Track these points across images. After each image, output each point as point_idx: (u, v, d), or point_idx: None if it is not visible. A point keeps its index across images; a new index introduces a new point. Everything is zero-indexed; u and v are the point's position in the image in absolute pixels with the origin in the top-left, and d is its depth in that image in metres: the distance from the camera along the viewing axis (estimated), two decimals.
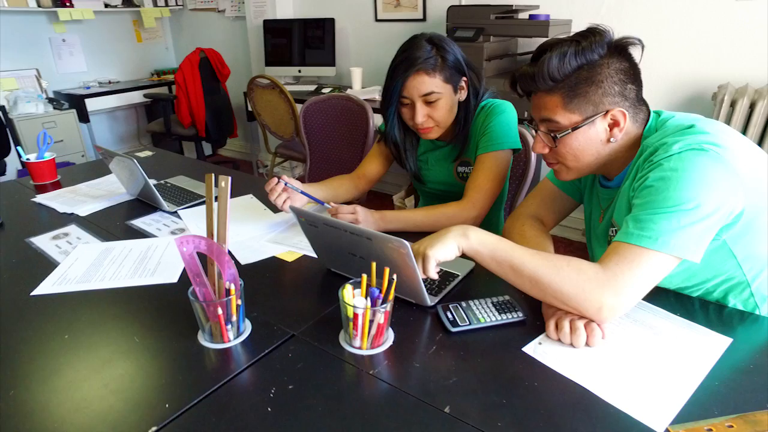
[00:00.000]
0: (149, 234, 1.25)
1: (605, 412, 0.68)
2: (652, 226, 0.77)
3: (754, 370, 0.75)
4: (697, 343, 0.80)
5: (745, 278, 0.88)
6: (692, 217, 0.76)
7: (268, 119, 3.09)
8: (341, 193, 1.39)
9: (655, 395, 0.70)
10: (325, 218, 0.89)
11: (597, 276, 0.77)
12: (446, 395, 0.70)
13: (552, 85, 0.86)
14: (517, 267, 0.80)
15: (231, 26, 3.98)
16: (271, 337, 0.83)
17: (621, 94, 0.86)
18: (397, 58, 1.18)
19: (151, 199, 1.39)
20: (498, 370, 0.76)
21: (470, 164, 1.31)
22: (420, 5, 3.00)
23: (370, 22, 3.26)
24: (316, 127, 2.33)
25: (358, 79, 3.17)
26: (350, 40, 3.41)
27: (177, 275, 1.04)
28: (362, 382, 0.74)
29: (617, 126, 0.88)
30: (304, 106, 2.29)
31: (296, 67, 3.45)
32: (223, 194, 0.81)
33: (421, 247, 0.85)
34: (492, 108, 1.25)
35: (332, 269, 1.03)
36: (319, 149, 2.36)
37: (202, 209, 1.39)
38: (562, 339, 0.80)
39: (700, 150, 0.78)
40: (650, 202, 0.79)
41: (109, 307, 0.94)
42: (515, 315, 0.86)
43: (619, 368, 0.75)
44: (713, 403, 0.69)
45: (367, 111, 2.15)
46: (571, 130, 0.88)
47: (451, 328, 0.84)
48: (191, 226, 1.28)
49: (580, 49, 0.84)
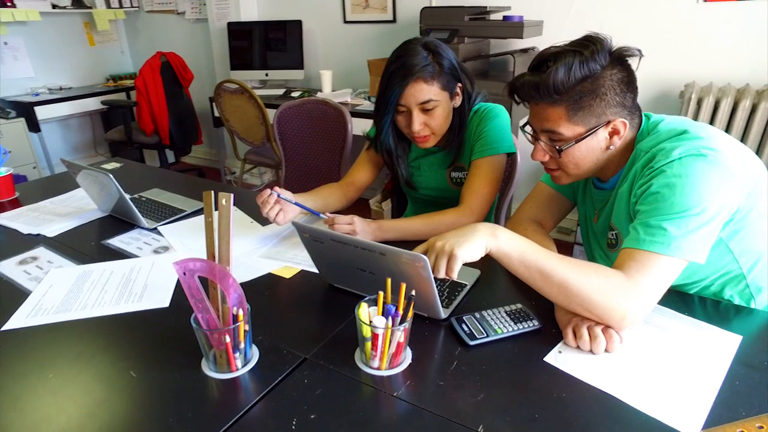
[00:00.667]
0: (130, 254, 1.16)
1: (638, 419, 0.67)
2: (663, 232, 0.78)
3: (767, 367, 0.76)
4: (709, 343, 0.81)
5: (741, 271, 0.91)
6: (698, 221, 0.78)
7: (236, 125, 2.99)
8: (331, 202, 1.35)
9: (682, 399, 0.70)
10: (332, 234, 0.84)
11: (622, 284, 0.77)
12: (477, 413, 0.68)
13: (557, 98, 0.85)
14: (546, 273, 0.78)
15: (192, 29, 3.83)
16: (282, 363, 0.78)
17: (621, 104, 0.86)
18: (392, 65, 1.15)
19: (128, 215, 1.30)
20: (524, 382, 0.74)
21: (464, 169, 1.29)
22: (390, 7, 2.98)
23: (338, 23, 3.21)
24: (291, 133, 2.27)
25: (328, 82, 3.12)
26: (318, 43, 3.35)
27: (168, 298, 0.97)
28: (388, 405, 0.70)
29: (617, 134, 0.89)
30: (278, 111, 2.23)
31: (263, 71, 3.36)
32: (225, 212, 0.76)
33: (446, 244, 0.80)
34: (486, 112, 1.24)
35: (335, 285, 0.99)
36: (294, 155, 2.30)
37: (185, 225, 1.31)
38: (581, 346, 0.79)
39: (698, 155, 0.80)
40: (658, 208, 0.80)
41: (95, 339, 0.86)
42: (531, 324, 0.85)
43: (641, 372, 0.75)
44: (738, 403, 0.69)
45: (344, 115, 2.10)
46: (575, 142, 0.88)
47: (470, 341, 0.81)
48: (175, 244, 1.20)
49: (584, 59, 0.83)
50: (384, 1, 2.98)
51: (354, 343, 0.82)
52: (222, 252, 0.77)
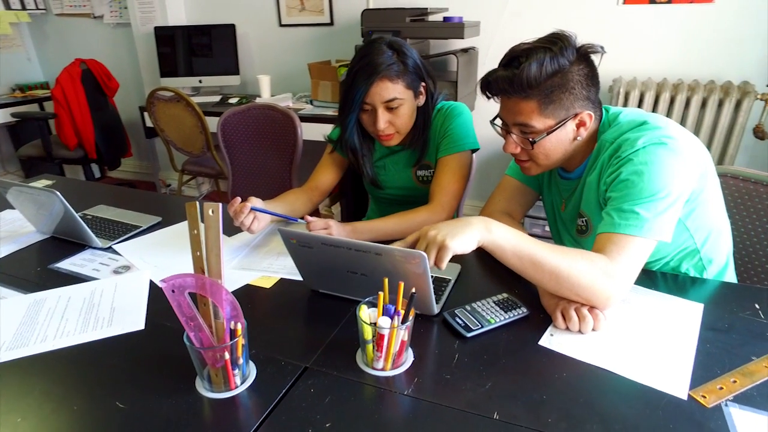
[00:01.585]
0: (85, 277, 1.07)
1: (633, 389, 0.72)
2: (636, 215, 0.84)
3: (730, 329, 0.85)
4: (677, 312, 0.89)
5: (696, 246, 1.00)
6: (665, 204, 0.85)
7: (173, 135, 2.83)
8: (298, 208, 1.32)
9: (666, 365, 0.76)
10: (323, 237, 0.83)
11: (605, 267, 0.82)
12: (488, 402, 0.69)
13: (529, 92, 0.89)
14: (538, 262, 0.81)
15: (112, 34, 3.58)
16: (283, 374, 0.75)
17: (587, 97, 0.92)
18: (356, 64, 1.15)
19: (76, 235, 1.20)
20: (525, 367, 0.77)
21: (430, 167, 1.32)
22: (326, 9, 2.96)
23: (273, 27, 3.14)
24: (237, 140, 2.19)
25: (267, 87, 3.04)
26: (253, 47, 3.25)
27: (142, 320, 0.90)
28: (401, 404, 0.70)
29: (583, 126, 0.94)
30: (222, 118, 2.14)
31: (196, 77, 3.21)
32: (213, 223, 0.72)
33: (438, 235, 0.80)
34: (450, 110, 1.27)
35: (320, 290, 0.97)
36: (242, 163, 2.22)
37: (143, 241, 1.23)
38: (571, 327, 0.83)
39: (660, 144, 0.87)
40: (628, 194, 0.86)
41: (66, 373, 0.79)
42: (520, 311, 0.88)
43: (626, 345, 0.81)
44: (713, 363, 0.76)
45: (293, 120, 2.07)
46: (546, 134, 0.93)
47: (467, 333, 0.83)
48: (136, 262, 1.12)
49: (554, 55, 0.88)
50: (320, 4, 2.96)
51: (352, 347, 0.81)
52: (212, 265, 0.73)
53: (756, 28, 2.15)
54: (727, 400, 0.70)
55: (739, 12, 2.15)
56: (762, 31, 2.15)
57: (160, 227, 1.30)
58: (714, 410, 0.68)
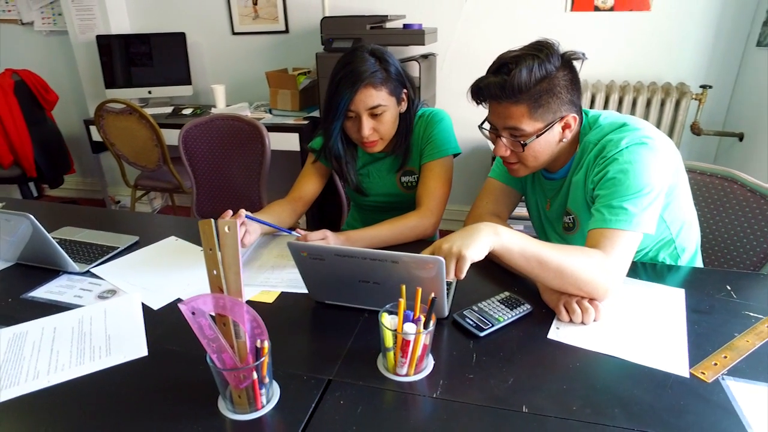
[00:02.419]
0: (67, 305, 1.00)
1: (640, 372, 0.77)
2: (625, 211, 0.91)
3: (711, 310, 0.93)
4: (663, 298, 0.96)
5: (671, 237, 1.08)
6: (649, 199, 0.92)
7: (125, 149, 2.69)
8: (284, 219, 1.30)
9: (665, 347, 0.82)
10: (336, 248, 0.83)
11: (603, 262, 0.87)
12: (514, 396, 0.72)
13: (520, 96, 0.94)
14: (544, 261, 0.85)
15: (46, 43, 3.35)
16: (308, 389, 0.75)
17: (571, 101, 0.98)
18: (339, 72, 1.15)
19: (49, 260, 1.12)
20: (540, 360, 0.80)
21: (414, 173, 1.34)
22: (281, 17, 2.92)
23: (226, 35, 3.06)
24: (200, 153, 2.12)
25: (222, 96, 2.96)
26: (205, 56, 3.16)
27: (143, 346, 0.86)
28: (433, 407, 0.71)
29: (568, 128, 1.00)
30: (183, 130, 2.07)
31: (145, 88, 3.07)
32: (230, 240, 0.70)
33: (453, 246, 0.82)
34: (431, 117, 1.30)
35: (327, 301, 0.96)
36: (206, 176, 2.15)
37: (124, 262, 1.16)
38: (574, 320, 0.88)
39: (641, 144, 0.94)
40: (616, 191, 0.92)
41: (71, 409, 0.73)
42: (524, 308, 0.92)
43: (625, 332, 0.86)
44: (704, 342, 0.83)
45: (260, 130, 2.03)
46: (536, 136, 0.97)
47: (479, 333, 0.86)
48: (121, 285, 1.06)
49: (541, 62, 0.93)
50: (275, 12, 2.92)
51: (370, 355, 0.82)
52: (231, 283, 0.71)
53: (688, 33, 2.35)
54: (723, 375, 0.76)
55: (673, 19, 2.34)
56: (693, 36, 2.35)
57: (138, 247, 1.24)
58: (714, 385, 0.74)
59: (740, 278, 1.04)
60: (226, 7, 2.99)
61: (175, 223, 1.45)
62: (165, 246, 1.25)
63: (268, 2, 2.90)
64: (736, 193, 1.22)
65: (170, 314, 0.96)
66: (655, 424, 0.67)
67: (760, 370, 0.77)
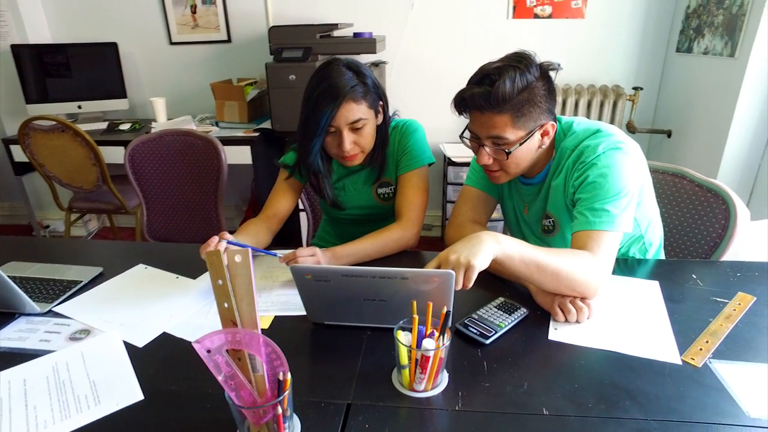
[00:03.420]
0: (34, 352, 0.90)
1: (639, 363, 0.82)
2: (607, 213, 0.96)
3: (684, 299, 1.01)
4: (642, 291, 1.03)
5: (641, 233, 1.16)
6: (627, 200, 0.98)
7: (57, 169, 2.48)
8: (262, 239, 1.26)
9: (656, 338, 0.88)
10: (344, 269, 0.81)
11: (593, 263, 0.92)
12: (532, 399, 0.74)
13: (504, 106, 0.97)
14: (542, 265, 0.88)
15: None
16: (329, 416, 0.73)
17: (549, 110, 1.03)
18: (317, 87, 1.13)
19: (2, 302, 1.00)
20: (548, 361, 0.83)
21: (390, 184, 1.34)
22: (222, 26, 2.83)
23: (163, 45, 2.91)
24: (150, 171, 2.00)
25: (162, 110, 2.81)
26: (141, 67, 2.98)
27: (137, 389, 0.79)
28: (461, 420, 0.72)
29: (547, 135, 1.05)
30: (130, 147, 1.94)
31: (74, 103, 2.85)
32: (242, 270, 0.67)
33: (461, 257, 0.83)
34: (405, 128, 1.31)
35: (326, 322, 0.94)
36: (157, 195, 2.03)
37: (90, 297, 1.07)
38: (569, 319, 0.92)
39: (616, 148, 1.01)
40: (597, 194, 0.98)
41: None
42: (521, 312, 0.95)
43: (617, 326, 0.92)
44: (686, 330, 0.90)
45: (215, 145, 1.95)
46: (519, 144, 1.01)
47: (485, 341, 0.87)
48: (93, 322, 0.98)
49: (522, 72, 0.96)
50: (215, 21, 2.82)
51: (383, 374, 0.81)
52: (244, 314, 0.68)
53: (618, 40, 2.55)
54: (710, 359, 0.83)
55: (604, 27, 2.53)
56: (622, 42, 2.55)
57: (103, 279, 1.15)
58: (704, 369, 0.81)
59: (701, 266, 1.14)
60: (162, 16, 2.84)
61: (139, 249, 1.36)
62: (134, 275, 1.17)
63: (208, 11, 2.80)
64: (686, 188, 1.34)
65: (159, 350, 0.89)
66: (663, 412, 0.72)
67: (737, 351, 0.85)
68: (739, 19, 1.99)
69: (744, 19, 1.95)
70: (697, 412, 0.72)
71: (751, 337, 0.89)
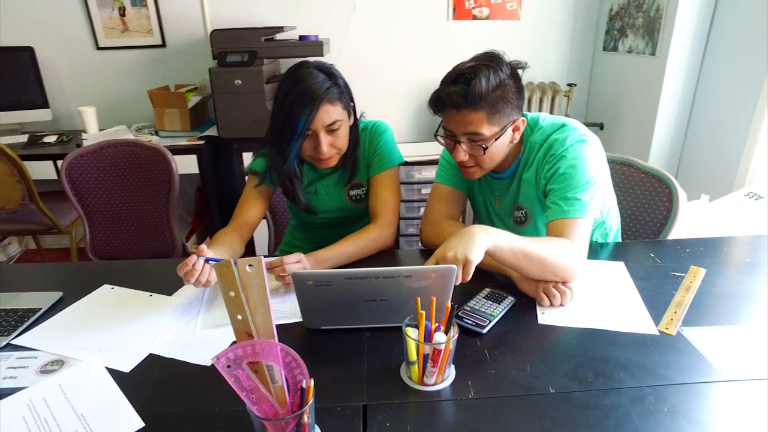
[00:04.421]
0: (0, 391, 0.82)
1: (624, 337, 0.89)
2: (579, 201, 1.03)
3: (648, 276, 1.10)
4: (611, 272, 1.11)
5: (603, 218, 1.25)
6: (595, 189, 1.06)
7: None
8: (236, 249, 1.21)
9: (633, 313, 0.96)
10: (346, 272, 0.81)
11: (571, 249, 0.98)
12: (538, 380, 0.79)
13: (480, 104, 1.01)
14: (529, 254, 0.93)
15: None
16: (349, 419, 0.72)
17: (519, 106, 1.08)
18: (291, 92, 1.11)
19: None
20: (543, 344, 0.88)
21: (362, 186, 1.35)
22: (156, 30, 2.68)
23: (89, 50, 2.71)
24: (91, 186, 1.86)
25: (93, 120, 2.61)
26: (64, 75, 2.75)
27: (135, 417, 0.74)
28: (477, 407, 0.74)
29: (518, 130, 1.10)
30: (67, 161, 1.80)
31: None
32: (256, 280, 0.65)
33: (458, 253, 0.86)
34: (375, 129, 1.32)
35: (322, 327, 0.93)
36: (100, 212, 1.89)
37: (54, 325, 0.99)
38: (554, 303, 0.98)
39: (582, 141, 1.08)
40: (569, 184, 1.05)
41: None
42: (509, 300, 1.00)
43: (598, 305, 0.99)
44: (655, 304, 0.99)
45: (165, 155, 1.85)
46: (494, 140, 1.06)
47: (482, 330, 0.91)
48: (68, 352, 0.90)
49: (495, 71, 1.01)
50: (148, 24, 2.67)
51: (390, 372, 0.82)
52: (260, 325, 0.66)
53: (552, 40, 2.71)
54: (680, 327, 0.92)
55: (539, 28, 2.68)
56: (556, 42, 2.72)
57: (65, 304, 1.06)
58: (678, 336, 0.89)
59: (656, 246, 1.25)
60: (86, 19, 2.65)
61: (98, 269, 1.27)
62: (101, 297, 1.09)
63: (139, 14, 2.64)
64: (633, 175, 1.46)
65: (150, 373, 0.84)
66: (654, 378, 0.79)
67: (701, 317, 0.94)
68: (656, 21, 2.19)
69: (661, 22, 2.15)
70: (679, 375, 0.80)
71: (709, 304, 0.99)
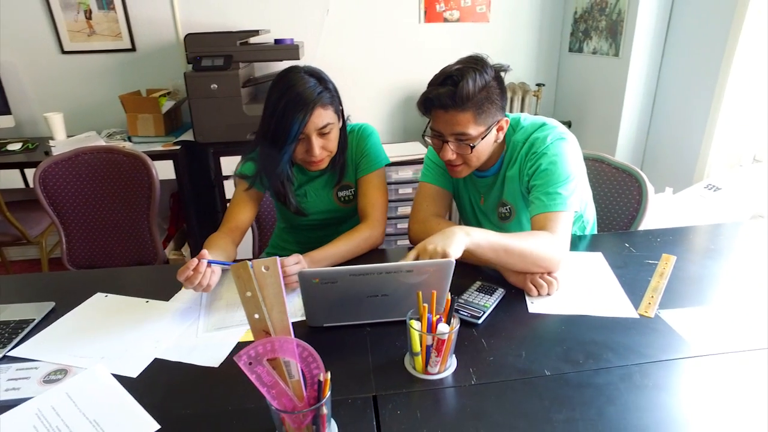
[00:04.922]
0: (5, 403, 0.81)
1: (608, 321, 0.96)
2: (559, 195, 1.10)
3: (624, 264, 1.18)
4: (590, 263, 1.19)
5: (581, 213, 1.33)
6: (574, 184, 1.13)
7: None
8: (230, 253, 1.22)
9: (614, 299, 1.03)
10: (351, 269, 0.84)
11: (553, 241, 1.04)
12: (534, 365, 0.84)
13: (467, 104, 1.06)
14: (509, 249, 0.99)
15: None
16: (360, 410, 0.76)
17: (502, 107, 1.14)
18: (283, 97, 1.13)
19: None
20: (535, 331, 0.94)
21: (350, 187, 1.38)
22: (125, 34, 2.63)
23: (53, 55, 2.63)
24: (67, 195, 1.81)
25: (60, 127, 2.54)
26: (26, 80, 2.66)
27: (150, 421, 0.75)
28: (480, 391, 0.79)
29: (501, 130, 1.16)
30: (40, 170, 1.75)
31: None
32: (271, 279, 0.68)
33: (437, 247, 0.92)
34: (362, 131, 1.35)
35: (324, 325, 0.96)
36: (77, 222, 1.85)
37: (51, 334, 0.98)
38: (542, 292, 1.04)
39: (562, 138, 1.15)
40: (550, 180, 1.11)
41: None
42: (500, 292, 1.05)
43: (582, 293, 1.05)
44: (634, 291, 1.06)
45: (144, 161, 1.82)
46: (480, 139, 1.11)
47: (477, 321, 0.96)
48: (69, 360, 0.90)
49: (480, 73, 1.06)
50: (116, 28, 2.61)
51: (394, 364, 0.86)
52: (276, 323, 0.69)
53: (520, 41, 2.81)
54: (658, 310, 0.99)
55: (507, 30, 2.78)
56: (524, 43, 2.82)
57: (58, 315, 1.05)
58: (656, 318, 0.97)
59: (630, 237, 1.34)
60: (49, 22, 2.57)
61: (87, 278, 1.25)
62: (95, 305, 1.08)
63: (107, 17, 2.59)
64: (605, 171, 1.55)
65: (159, 377, 0.85)
66: (638, 357, 0.86)
67: (675, 300, 1.03)
68: (619, 24, 2.31)
69: (623, 25, 2.27)
70: (660, 353, 0.87)
71: (682, 288, 1.07)
